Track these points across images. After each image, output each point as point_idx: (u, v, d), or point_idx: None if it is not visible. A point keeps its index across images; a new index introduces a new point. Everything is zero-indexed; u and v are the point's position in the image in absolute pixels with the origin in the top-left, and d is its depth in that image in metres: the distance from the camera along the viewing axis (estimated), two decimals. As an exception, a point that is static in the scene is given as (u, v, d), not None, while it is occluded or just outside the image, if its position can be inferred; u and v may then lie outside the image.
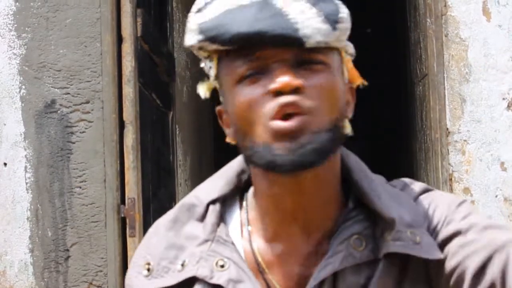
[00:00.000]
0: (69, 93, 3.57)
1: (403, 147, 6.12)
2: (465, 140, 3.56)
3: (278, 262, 1.29)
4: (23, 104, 3.59)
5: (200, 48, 1.25)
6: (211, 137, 6.33)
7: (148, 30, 3.93)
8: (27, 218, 3.56)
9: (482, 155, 3.55)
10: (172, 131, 4.63)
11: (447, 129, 3.58)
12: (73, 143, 3.56)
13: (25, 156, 3.58)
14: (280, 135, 1.19)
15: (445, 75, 3.59)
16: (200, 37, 1.23)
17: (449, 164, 3.56)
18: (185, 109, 5.17)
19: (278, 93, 1.19)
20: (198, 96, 1.33)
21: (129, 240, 3.53)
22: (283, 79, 1.19)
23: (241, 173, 1.35)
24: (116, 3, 3.62)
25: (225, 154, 2.27)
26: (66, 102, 3.57)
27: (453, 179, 3.55)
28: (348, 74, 1.30)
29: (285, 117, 1.19)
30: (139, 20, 3.74)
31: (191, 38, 1.25)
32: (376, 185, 1.30)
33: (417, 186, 1.34)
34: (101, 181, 3.53)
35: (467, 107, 3.57)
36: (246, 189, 1.35)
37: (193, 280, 1.29)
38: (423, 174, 4.29)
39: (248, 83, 1.22)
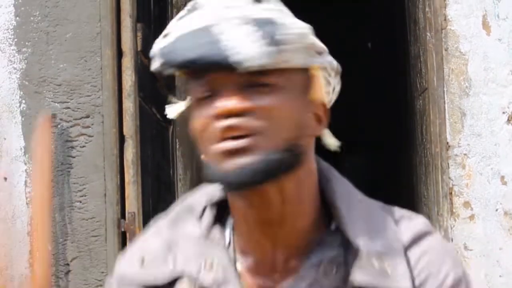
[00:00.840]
0: (69, 108, 3.57)
1: (403, 161, 6.11)
2: (465, 154, 3.56)
3: (249, 273, 1.31)
4: (23, 119, 3.59)
5: (162, 71, 1.28)
6: (211, 151, 6.31)
7: (148, 44, 3.93)
8: (27, 233, 3.55)
9: (482, 169, 3.55)
10: (172, 145, 4.62)
11: (447, 143, 3.58)
12: (73, 157, 3.55)
13: (25, 170, 3.58)
14: (226, 156, 1.22)
15: (445, 89, 3.59)
16: (161, 60, 1.27)
17: (449, 178, 3.56)
18: (185, 123, 5.17)
19: (220, 116, 1.22)
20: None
21: (129, 254, 3.52)
22: (222, 104, 1.22)
23: None
24: (116, 18, 3.62)
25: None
26: (66, 117, 3.57)
27: (453, 193, 3.55)
28: (317, 92, 1.29)
29: (233, 138, 1.21)
30: (139, 34, 3.75)
31: (154, 62, 1.28)
32: (356, 211, 1.29)
33: (413, 225, 1.31)
34: (101, 195, 3.53)
35: (467, 121, 3.56)
36: None
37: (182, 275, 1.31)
38: (423, 188, 4.28)
39: (202, 105, 1.26)
